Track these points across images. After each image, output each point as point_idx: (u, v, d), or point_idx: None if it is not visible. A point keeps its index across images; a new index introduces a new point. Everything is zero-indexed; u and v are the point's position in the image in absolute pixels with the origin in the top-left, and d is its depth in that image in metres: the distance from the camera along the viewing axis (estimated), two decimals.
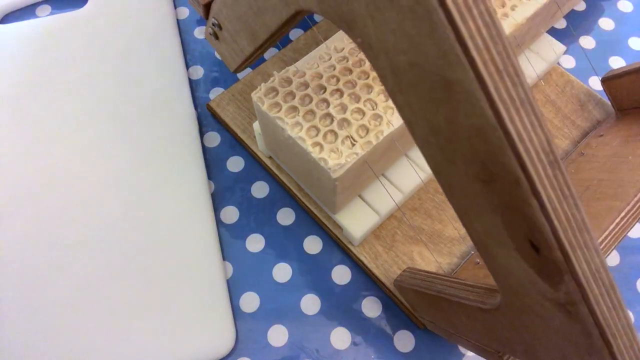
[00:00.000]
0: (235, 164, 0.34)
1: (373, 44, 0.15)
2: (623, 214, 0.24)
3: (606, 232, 0.24)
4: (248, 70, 0.36)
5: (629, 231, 0.25)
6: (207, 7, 0.28)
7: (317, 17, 0.40)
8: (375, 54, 0.15)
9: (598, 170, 0.29)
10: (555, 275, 0.14)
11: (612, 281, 0.14)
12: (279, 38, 0.24)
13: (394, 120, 0.25)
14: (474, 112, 0.13)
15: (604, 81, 0.34)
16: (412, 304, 0.28)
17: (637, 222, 0.25)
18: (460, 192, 0.15)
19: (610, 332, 0.14)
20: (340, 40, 0.27)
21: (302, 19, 0.40)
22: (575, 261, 0.14)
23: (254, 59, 0.28)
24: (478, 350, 0.23)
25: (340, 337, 0.29)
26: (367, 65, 0.26)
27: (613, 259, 0.31)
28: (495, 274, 0.17)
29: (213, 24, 0.28)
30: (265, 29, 0.22)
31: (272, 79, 0.26)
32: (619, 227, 0.24)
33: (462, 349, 0.29)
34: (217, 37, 0.29)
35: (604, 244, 0.24)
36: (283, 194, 0.33)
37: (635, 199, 0.25)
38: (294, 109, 0.25)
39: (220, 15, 0.26)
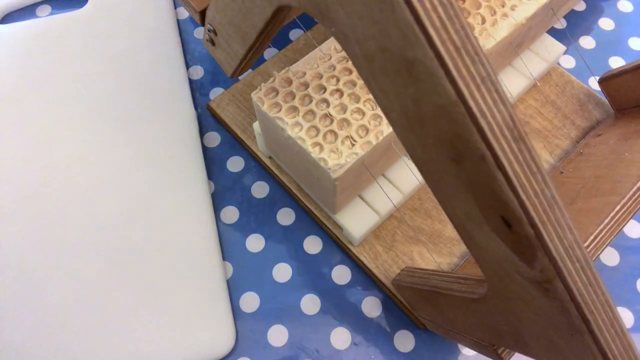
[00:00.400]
0: (235, 164, 0.34)
1: (346, 33, 0.15)
2: (618, 207, 0.24)
3: (601, 226, 0.24)
4: (248, 70, 0.36)
5: (625, 225, 0.25)
6: (203, 14, 0.28)
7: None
8: (348, 42, 0.15)
9: (595, 168, 0.29)
10: (528, 251, 0.14)
11: (587, 258, 0.14)
12: (267, 39, 0.24)
13: None
14: (436, 90, 0.13)
15: (601, 82, 0.34)
16: (410, 302, 0.28)
17: (633, 216, 0.25)
18: (437, 175, 0.16)
19: (587, 309, 0.14)
20: None
21: (299, 20, 0.40)
22: (547, 236, 0.14)
23: (248, 63, 0.28)
24: (474, 346, 0.23)
25: (340, 337, 0.29)
26: None
27: (613, 259, 0.31)
28: (478, 258, 0.17)
29: (209, 30, 0.28)
30: (254, 29, 0.23)
31: (272, 79, 0.26)
32: (614, 220, 0.24)
33: (462, 349, 0.29)
34: (213, 43, 0.29)
35: (599, 237, 0.24)
36: (283, 194, 0.33)
37: (630, 193, 0.25)
38: (294, 109, 0.25)
39: (214, 21, 0.26)
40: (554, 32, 0.39)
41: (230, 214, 0.33)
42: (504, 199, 0.14)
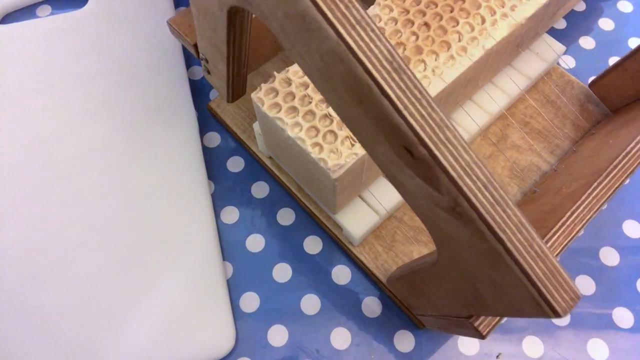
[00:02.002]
0: (235, 164, 0.34)
1: (265, 12, 0.18)
2: (595, 184, 0.25)
3: (578, 203, 0.25)
4: (243, 95, 0.36)
5: (604, 202, 0.25)
6: (197, 47, 0.29)
7: None
8: (269, 20, 0.18)
9: (582, 159, 0.30)
10: (431, 174, 0.16)
11: (489, 177, 0.15)
12: (239, 51, 0.26)
13: None
14: (323, 36, 0.15)
15: (592, 85, 0.34)
16: (402, 298, 0.28)
17: (613, 192, 0.25)
18: (356, 124, 0.17)
19: (498, 227, 0.15)
20: None
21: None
22: (440, 155, 0.15)
23: (237, 85, 0.29)
24: (457, 328, 0.24)
25: (340, 337, 0.29)
26: None
27: (613, 259, 0.31)
28: (413, 207, 0.18)
29: (201, 59, 0.29)
30: (223, 42, 0.24)
31: (272, 79, 0.26)
32: (591, 197, 0.25)
33: (462, 349, 0.29)
34: (209, 72, 0.31)
35: (576, 213, 0.25)
36: (283, 194, 0.33)
37: (607, 170, 0.26)
38: (294, 109, 0.25)
39: (202, 48, 0.28)
40: (554, 32, 0.39)
41: (230, 214, 0.33)
42: (396, 124, 0.15)
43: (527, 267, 0.15)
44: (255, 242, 0.32)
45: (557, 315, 0.15)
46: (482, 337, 0.22)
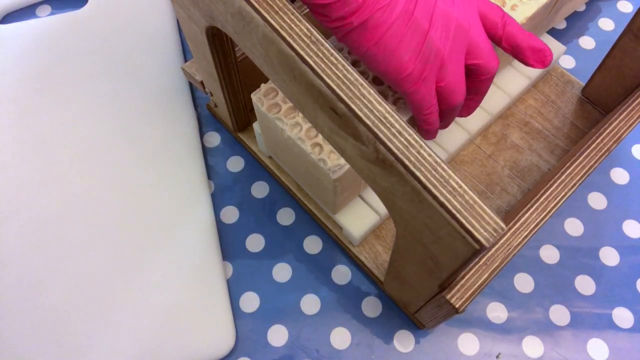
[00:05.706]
0: (235, 164, 0.34)
1: (223, 22, 0.21)
2: (568, 164, 0.27)
3: (551, 181, 0.26)
4: (249, 124, 0.36)
5: (579, 180, 0.27)
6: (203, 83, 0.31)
7: None
8: (227, 29, 0.21)
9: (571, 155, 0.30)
10: (354, 129, 0.18)
11: (403, 125, 0.17)
12: (231, 74, 0.27)
13: None
14: (256, 24, 0.19)
15: (583, 93, 0.34)
16: (395, 294, 0.28)
17: (588, 170, 0.27)
18: (299, 100, 0.20)
19: (413, 165, 0.17)
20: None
21: None
22: (356, 108, 0.17)
23: (240, 114, 0.31)
24: (439, 310, 0.24)
25: (340, 337, 0.29)
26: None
27: (613, 259, 0.31)
28: (357, 171, 0.20)
29: (207, 92, 0.31)
30: (212, 65, 0.26)
31: None
32: (564, 175, 0.27)
33: (462, 349, 0.29)
34: (216, 105, 0.32)
35: (549, 191, 0.26)
36: (283, 194, 0.33)
37: (581, 151, 0.27)
38: (294, 109, 0.25)
39: (204, 80, 0.30)
40: (554, 32, 0.39)
41: (230, 214, 0.33)
42: (318, 87, 0.18)
43: (444, 200, 0.16)
44: (255, 242, 0.32)
45: (481, 245, 0.16)
46: (456, 310, 0.22)
